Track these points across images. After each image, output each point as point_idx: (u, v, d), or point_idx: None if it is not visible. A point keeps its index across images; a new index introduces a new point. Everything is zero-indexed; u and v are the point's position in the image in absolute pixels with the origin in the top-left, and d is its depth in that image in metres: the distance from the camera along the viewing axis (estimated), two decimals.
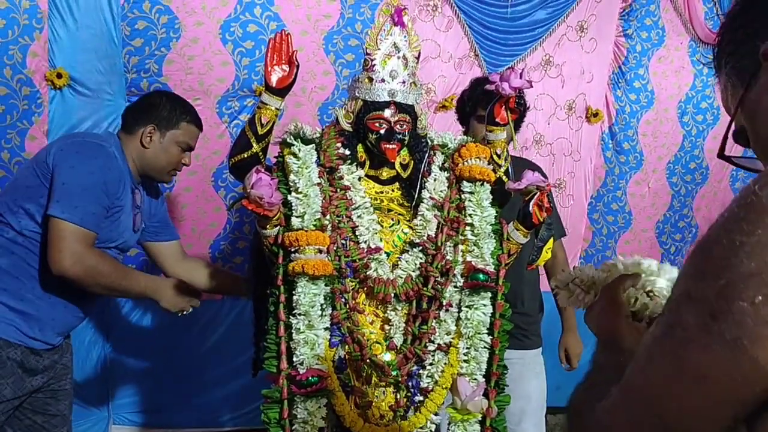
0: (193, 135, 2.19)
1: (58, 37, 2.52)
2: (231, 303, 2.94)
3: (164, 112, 2.12)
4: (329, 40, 2.87)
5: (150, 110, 2.13)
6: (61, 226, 1.89)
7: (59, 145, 2.02)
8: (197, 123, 2.20)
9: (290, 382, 1.80)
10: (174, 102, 2.17)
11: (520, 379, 2.39)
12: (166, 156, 2.13)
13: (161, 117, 2.12)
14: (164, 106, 2.13)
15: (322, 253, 1.83)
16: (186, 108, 2.17)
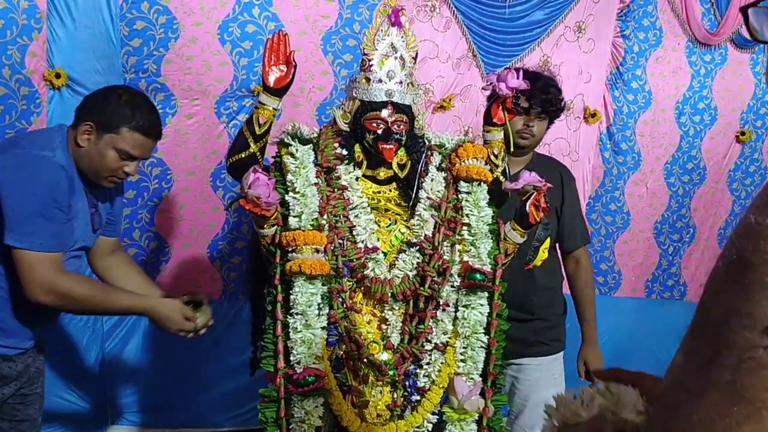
0: (136, 143, 1.91)
1: (56, 37, 2.52)
2: (229, 303, 2.95)
3: (107, 111, 1.89)
4: (327, 40, 2.87)
5: (94, 106, 1.92)
6: (22, 256, 1.80)
7: (0, 162, 1.85)
8: (145, 131, 1.92)
9: (287, 382, 1.80)
10: (123, 102, 1.91)
11: (536, 386, 2.32)
12: (99, 159, 1.90)
13: (102, 116, 1.89)
14: (109, 104, 1.90)
15: (319, 252, 1.83)
16: (135, 112, 1.91)
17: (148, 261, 2.84)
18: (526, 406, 2.32)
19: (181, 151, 2.78)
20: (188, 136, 2.77)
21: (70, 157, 1.91)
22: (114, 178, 1.96)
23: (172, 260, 2.87)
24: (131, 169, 1.95)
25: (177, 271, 2.88)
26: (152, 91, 2.68)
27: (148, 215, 2.81)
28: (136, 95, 2.01)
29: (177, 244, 2.86)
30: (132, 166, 1.95)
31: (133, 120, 1.89)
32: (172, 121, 2.74)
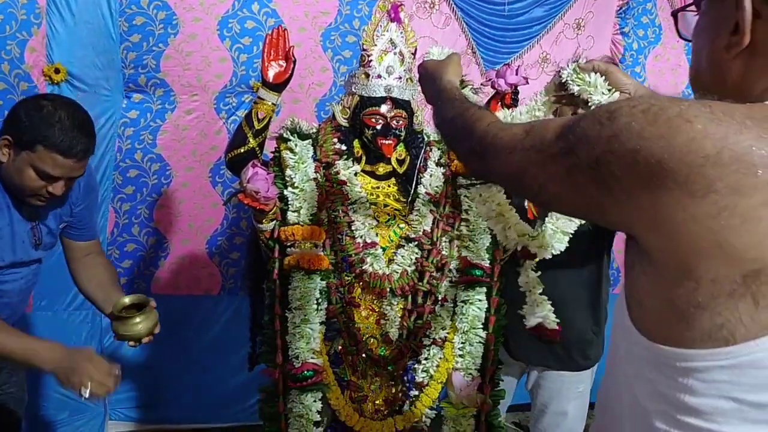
0: (55, 164, 1.71)
1: (56, 32, 2.52)
2: (228, 299, 2.95)
3: (23, 126, 1.70)
4: (327, 36, 2.87)
5: (13, 117, 1.73)
6: None
7: None
8: (64, 150, 1.70)
9: (286, 377, 1.81)
10: (43, 116, 1.70)
11: (557, 396, 2.25)
12: (18, 177, 1.73)
13: (20, 131, 1.71)
14: (28, 118, 1.70)
15: (317, 247, 1.84)
16: (54, 128, 1.69)
17: (147, 256, 2.85)
18: (546, 413, 2.29)
19: (180, 147, 2.78)
20: (187, 131, 2.77)
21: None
22: (38, 197, 1.77)
23: (171, 256, 2.87)
24: (56, 190, 1.75)
25: (176, 266, 2.88)
26: (152, 86, 2.68)
27: (147, 211, 2.81)
28: (62, 107, 1.75)
29: (176, 239, 2.86)
30: (57, 187, 1.75)
31: (50, 138, 1.69)
32: (171, 117, 2.74)
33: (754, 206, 0.66)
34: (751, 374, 0.69)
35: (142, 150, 2.75)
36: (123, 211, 2.78)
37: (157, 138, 2.75)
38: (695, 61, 0.86)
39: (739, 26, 0.76)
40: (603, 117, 0.74)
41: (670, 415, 0.74)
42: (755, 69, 0.78)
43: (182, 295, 2.89)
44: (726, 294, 0.68)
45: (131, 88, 2.68)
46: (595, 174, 0.74)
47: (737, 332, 0.68)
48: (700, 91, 0.87)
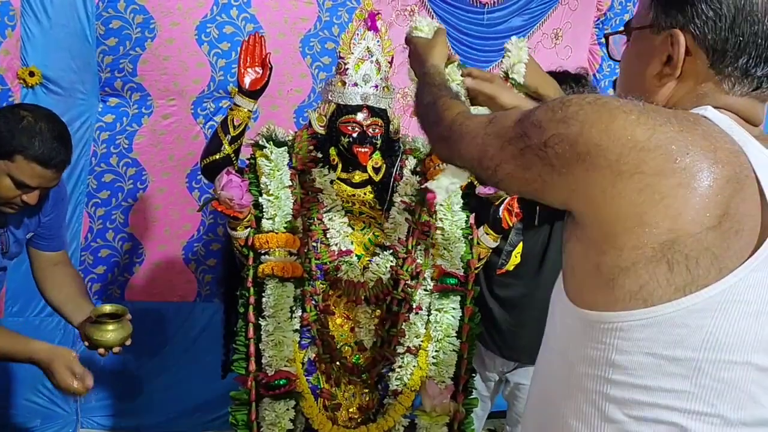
0: (33, 174, 1.72)
1: (31, 35, 2.49)
2: (203, 306, 2.92)
3: (3, 136, 1.70)
4: (306, 42, 2.87)
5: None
6: None
7: None
8: (43, 161, 1.72)
9: (258, 384, 1.80)
10: (22, 126, 1.71)
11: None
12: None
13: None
14: (8, 128, 1.71)
15: (292, 255, 1.83)
16: (34, 139, 1.71)
17: (122, 262, 2.82)
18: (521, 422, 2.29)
19: (156, 152, 2.76)
20: (164, 136, 2.76)
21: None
22: (12, 205, 1.78)
23: (146, 262, 2.84)
24: (30, 199, 1.77)
25: (151, 272, 2.85)
26: (128, 90, 2.66)
27: (122, 216, 2.79)
28: (42, 118, 1.76)
29: (151, 245, 2.84)
30: (32, 196, 1.77)
31: (30, 148, 1.70)
32: (148, 121, 2.72)
33: (671, 186, 0.76)
34: (667, 331, 0.79)
35: (117, 154, 2.72)
36: (97, 216, 2.76)
37: (133, 142, 2.73)
38: (624, 82, 0.98)
39: (673, 59, 0.87)
40: (556, 106, 0.84)
41: (600, 375, 0.84)
42: (680, 94, 0.88)
43: (157, 301, 2.87)
44: (645, 259, 0.77)
45: (107, 92, 2.65)
46: (543, 154, 0.84)
47: (655, 294, 0.78)
48: None
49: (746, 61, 0.83)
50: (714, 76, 0.85)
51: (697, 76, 0.86)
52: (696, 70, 0.86)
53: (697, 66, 0.86)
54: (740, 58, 0.83)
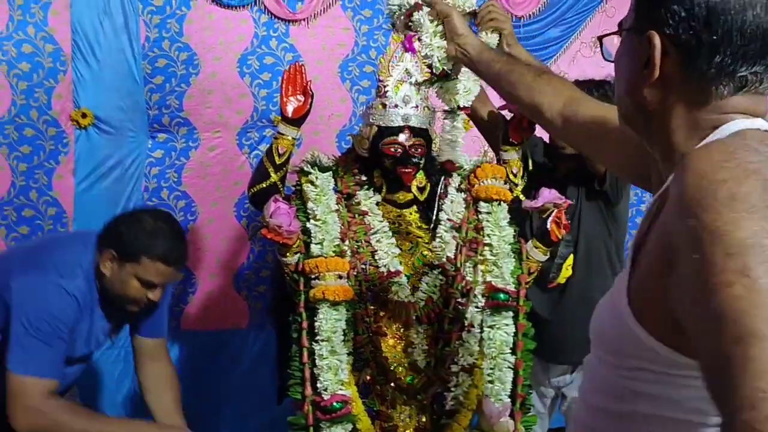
0: (158, 272, 1.85)
1: (81, 78, 2.59)
2: (256, 332, 2.95)
3: (127, 240, 1.84)
4: (344, 68, 2.91)
5: (115, 234, 1.87)
6: (13, 380, 1.76)
7: (19, 282, 1.81)
8: (166, 259, 1.85)
9: (315, 408, 1.81)
10: (144, 230, 1.85)
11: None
12: (122, 288, 1.86)
13: (123, 245, 1.84)
14: (131, 232, 1.85)
15: (342, 278, 1.84)
16: (156, 240, 1.84)
17: (176, 293, 2.87)
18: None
19: (204, 183, 2.83)
20: (211, 168, 2.82)
21: (94, 282, 1.88)
22: (138, 304, 1.90)
23: (199, 291, 2.90)
24: (155, 296, 1.90)
25: (204, 302, 2.90)
26: (175, 125, 2.74)
27: None
28: (159, 219, 1.92)
29: (203, 275, 2.89)
30: (156, 293, 1.90)
31: (153, 249, 1.83)
32: (195, 154, 2.79)
33: None
34: None
35: (167, 188, 2.80)
36: None
37: (182, 175, 2.80)
38: (617, 86, 0.95)
39: (650, 61, 0.84)
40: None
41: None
42: (670, 98, 0.86)
43: (211, 330, 2.91)
44: None
45: (155, 128, 2.74)
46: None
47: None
48: (621, 113, 0.95)
49: (721, 59, 0.80)
50: (692, 76, 0.82)
51: (678, 80, 0.84)
52: (674, 72, 0.84)
53: (673, 67, 0.83)
54: (715, 57, 0.80)
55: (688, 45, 0.81)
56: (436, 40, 1.61)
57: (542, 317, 2.16)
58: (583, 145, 1.33)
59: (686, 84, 0.84)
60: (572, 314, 2.21)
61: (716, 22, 0.80)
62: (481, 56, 1.45)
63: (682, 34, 0.81)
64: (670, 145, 0.87)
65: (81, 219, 2.65)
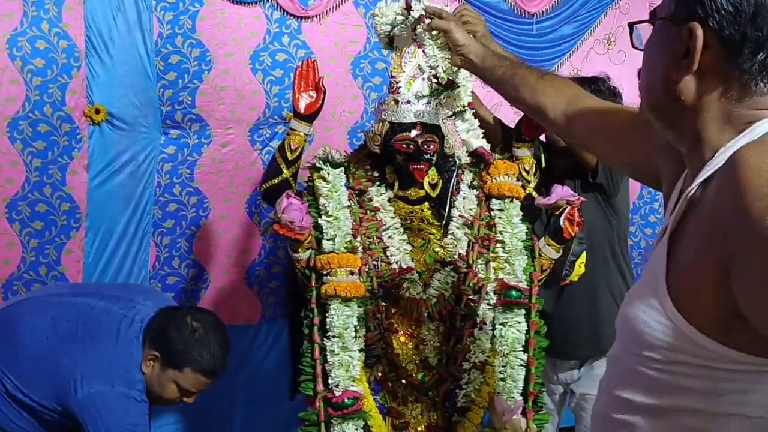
0: (198, 383, 1.88)
1: (95, 74, 2.61)
2: (268, 328, 2.96)
3: (175, 348, 1.84)
4: (356, 64, 2.91)
5: (163, 336, 1.85)
6: None
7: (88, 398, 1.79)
8: (208, 372, 1.87)
9: (327, 405, 1.81)
10: (194, 339, 1.85)
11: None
12: (159, 389, 1.87)
13: (170, 351, 1.84)
14: (179, 340, 1.84)
15: (353, 274, 1.84)
16: (203, 352, 1.84)
17: (188, 288, 2.89)
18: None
19: (217, 180, 2.83)
20: (223, 164, 2.83)
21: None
22: (170, 404, 1.96)
23: (211, 287, 2.91)
24: (190, 400, 1.94)
25: (216, 297, 2.91)
26: (188, 121, 2.75)
27: (187, 243, 2.86)
28: (210, 329, 1.89)
29: (215, 270, 2.90)
30: (192, 398, 1.93)
31: (200, 362, 1.84)
32: (207, 150, 2.80)
33: None
34: None
35: (180, 184, 2.80)
36: (164, 245, 2.84)
37: (195, 172, 2.81)
38: (646, 74, 0.93)
39: (690, 52, 0.83)
40: None
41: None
42: (707, 91, 0.85)
43: None
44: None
45: (168, 125, 2.74)
46: None
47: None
48: (648, 102, 0.94)
49: (765, 57, 0.81)
50: (732, 72, 0.82)
51: (717, 73, 0.83)
52: (713, 65, 0.83)
53: (714, 61, 0.83)
54: (758, 54, 0.81)
55: (732, 40, 0.81)
56: (439, 52, 1.64)
57: (545, 312, 2.16)
58: (587, 144, 1.34)
59: (725, 78, 0.83)
60: (577, 309, 2.20)
61: (763, 19, 0.80)
62: (485, 63, 1.47)
63: (726, 28, 0.81)
64: (701, 139, 0.86)
65: (94, 214, 2.67)
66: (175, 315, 1.91)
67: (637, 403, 0.90)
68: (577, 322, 2.20)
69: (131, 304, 1.95)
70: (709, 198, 0.81)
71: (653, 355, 0.86)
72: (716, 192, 0.80)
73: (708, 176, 0.83)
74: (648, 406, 0.89)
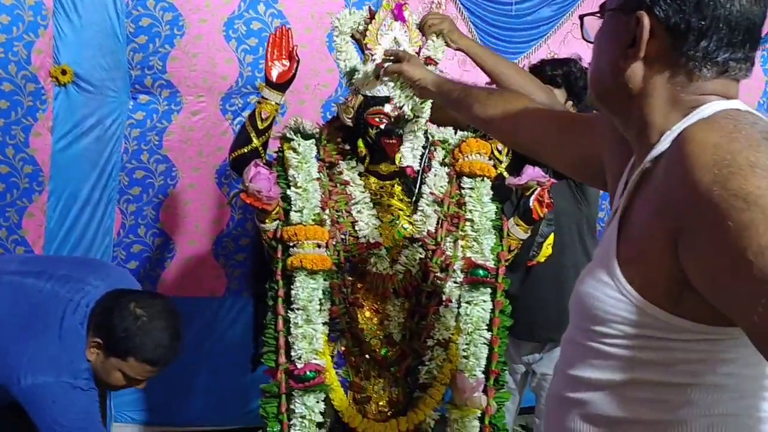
0: (143, 372, 1.76)
1: (62, 33, 2.53)
2: (233, 300, 2.94)
3: (117, 336, 1.71)
4: (332, 37, 2.86)
5: (106, 324, 1.73)
6: None
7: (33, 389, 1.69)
8: (152, 361, 1.74)
9: (288, 377, 1.80)
10: (137, 327, 1.72)
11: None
12: (104, 377, 1.76)
13: (112, 339, 1.72)
14: (121, 328, 1.71)
15: (321, 247, 1.83)
16: (147, 341, 1.72)
17: (153, 258, 2.85)
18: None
19: (186, 148, 2.78)
20: (193, 132, 2.78)
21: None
22: (119, 389, 1.87)
23: (177, 257, 2.87)
24: (141, 386, 1.86)
25: (181, 267, 2.88)
26: (158, 87, 2.69)
27: (153, 212, 2.81)
28: (156, 316, 1.76)
29: (182, 240, 2.86)
30: (141, 384, 1.83)
31: (143, 353, 1.72)
32: (177, 118, 2.74)
33: None
34: None
35: (148, 151, 2.75)
36: (129, 212, 2.79)
37: (164, 139, 2.76)
38: (595, 63, 0.97)
39: (637, 41, 0.87)
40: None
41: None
42: (654, 78, 0.88)
43: (188, 296, 2.89)
44: None
45: (137, 89, 2.68)
46: None
47: None
48: (597, 90, 0.97)
49: (707, 44, 0.84)
50: (677, 59, 0.86)
51: (663, 60, 0.87)
52: (660, 53, 0.87)
53: (660, 48, 0.87)
54: (702, 41, 0.84)
55: (677, 28, 0.85)
56: (401, 91, 1.81)
57: (511, 293, 2.17)
58: (535, 151, 1.38)
59: (671, 65, 0.87)
60: (543, 291, 2.21)
61: (706, 8, 0.83)
62: (441, 89, 1.57)
63: (672, 17, 0.85)
64: (648, 124, 0.89)
65: (58, 178, 2.61)
66: (120, 300, 1.77)
67: (591, 379, 0.91)
68: (543, 303, 2.21)
69: (80, 285, 1.83)
70: (658, 176, 0.84)
71: (605, 329, 0.88)
72: (664, 169, 0.83)
73: (655, 156, 0.86)
74: (601, 382, 0.90)
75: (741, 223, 0.69)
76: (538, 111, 1.31)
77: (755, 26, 0.85)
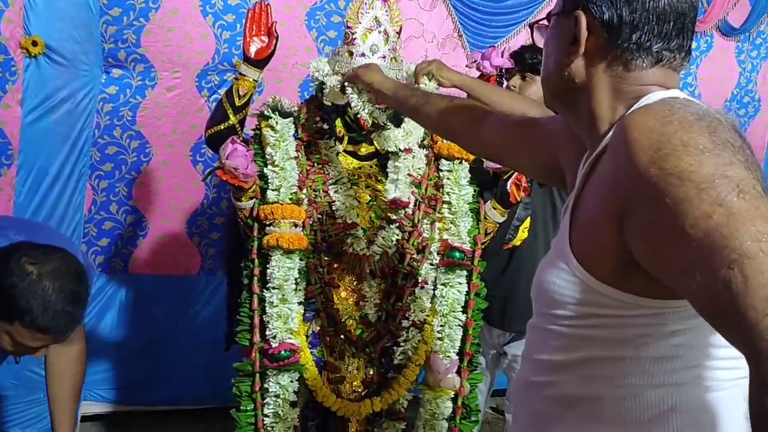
0: (33, 339, 1.51)
1: (33, 3, 2.46)
2: (207, 279, 2.92)
3: (2, 294, 1.47)
4: (312, 16, 2.83)
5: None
6: None
7: None
8: (41, 328, 1.48)
9: (262, 356, 1.79)
10: (25, 286, 1.46)
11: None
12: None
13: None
14: (8, 286, 1.46)
15: (297, 227, 1.81)
16: (35, 307, 1.46)
17: (125, 235, 2.81)
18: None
19: (160, 124, 2.74)
20: (168, 109, 2.73)
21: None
22: (16, 355, 1.61)
23: (150, 235, 2.83)
24: (38, 354, 1.59)
25: (154, 245, 2.84)
26: (132, 62, 2.63)
27: (126, 189, 2.77)
28: (49, 275, 1.49)
29: (155, 218, 2.82)
30: (39, 352, 1.58)
31: (29, 316, 1.46)
32: (151, 94, 2.70)
33: None
34: None
35: (121, 126, 2.70)
36: (101, 189, 2.74)
37: (137, 115, 2.71)
38: (545, 66, 1.03)
39: (576, 38, 0.94)
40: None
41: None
42: (595, 71, 0.95)
43: (161, 274, 2.86)
44: None
45: (111, 63, 2.63)
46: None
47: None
48: (548, 90, 1.03)
49: (640, 36, 0.90)
50: (614, 51, 0.92)
51: (601, 53, 0.93)
52: (598, 47, 0.93)
53: (597, 43, 0.93)
54: (635, 33, 0.90)
55: (611, 22, 0.91)
56: (357, 97, 1.80)
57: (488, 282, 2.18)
58: (499, 157, 1.43)
59: (609, 58, 0.93)
60: (515, 277, 2.20)
61: (636, 2, 0.90)
62: (397, 94, 1.58)
63: (605, 13, 0.91)
64: (596, 117, 0.95)
65: (27, 151, 2.55)
66: (10, 256, 1.49)
67: (553, 361, 0.96)
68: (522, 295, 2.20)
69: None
70: (604, 164, 0.89)
71: (563, 312, 0.92)
72: (609, 156, 0.87)
73: (602, 147, 0.91)
74: (561, 363, 0.94)
75: (677, 198, 0.73)
76: (497, 119, 1.34)
77: (685, 17, 0.91)
